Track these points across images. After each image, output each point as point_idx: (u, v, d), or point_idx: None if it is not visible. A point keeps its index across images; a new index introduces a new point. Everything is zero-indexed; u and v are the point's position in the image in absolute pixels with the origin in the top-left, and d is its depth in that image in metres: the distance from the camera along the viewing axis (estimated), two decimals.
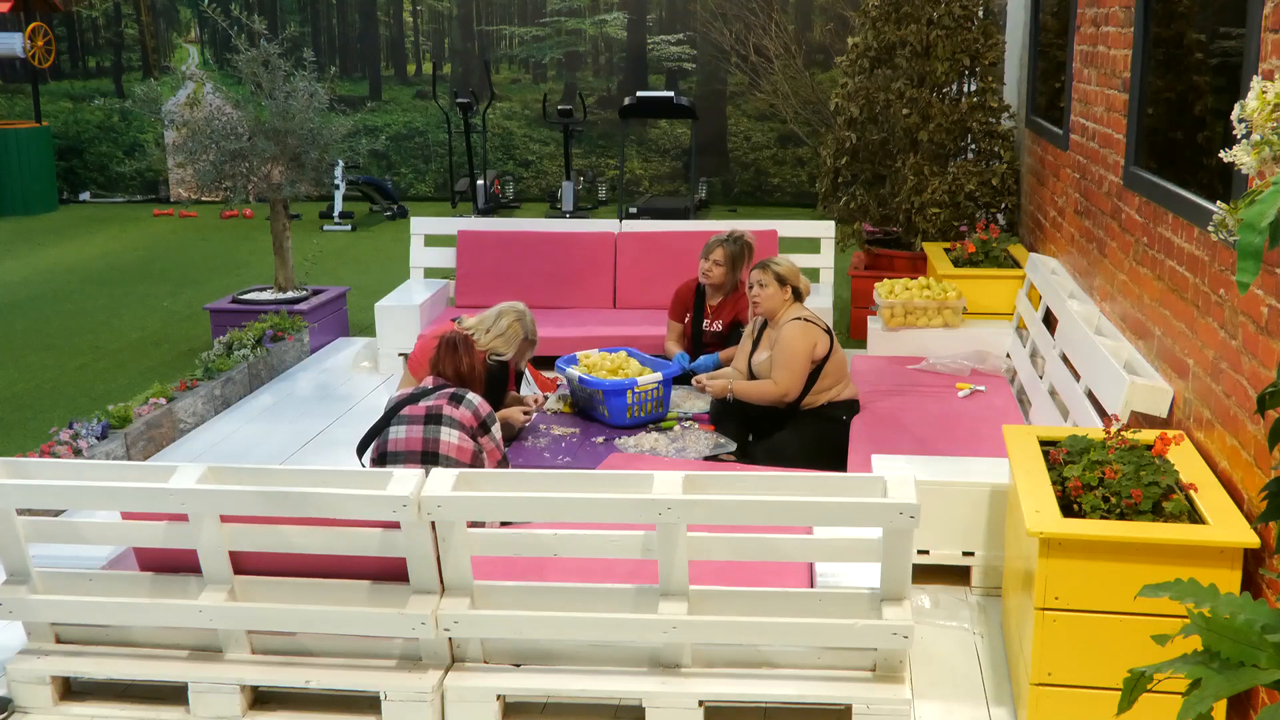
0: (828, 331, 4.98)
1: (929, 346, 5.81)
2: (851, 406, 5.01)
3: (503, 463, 4.27)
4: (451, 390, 4.19)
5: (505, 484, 3.14)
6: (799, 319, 4.92)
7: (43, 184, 12.65)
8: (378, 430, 4.19)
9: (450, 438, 4.07)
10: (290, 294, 7.27)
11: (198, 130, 6.94)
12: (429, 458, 4.04)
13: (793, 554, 3.16)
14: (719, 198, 12.55)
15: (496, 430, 4.22)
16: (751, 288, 5.04)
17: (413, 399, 4.18)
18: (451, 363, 4.32)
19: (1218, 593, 1.85)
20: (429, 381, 4.29)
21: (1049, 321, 5.39)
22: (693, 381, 5.21)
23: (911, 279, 6.14)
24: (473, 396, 4.20)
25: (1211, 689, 1.73)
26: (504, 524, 3.60)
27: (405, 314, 6.55)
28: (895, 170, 7.41)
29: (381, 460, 4.11)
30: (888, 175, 7.52)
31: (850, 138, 7.42)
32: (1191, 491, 3.12)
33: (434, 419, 4.10)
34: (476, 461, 4.13)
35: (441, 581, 3.14)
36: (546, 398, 5.46)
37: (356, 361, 6.79)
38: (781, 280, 4.99)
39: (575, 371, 5.30)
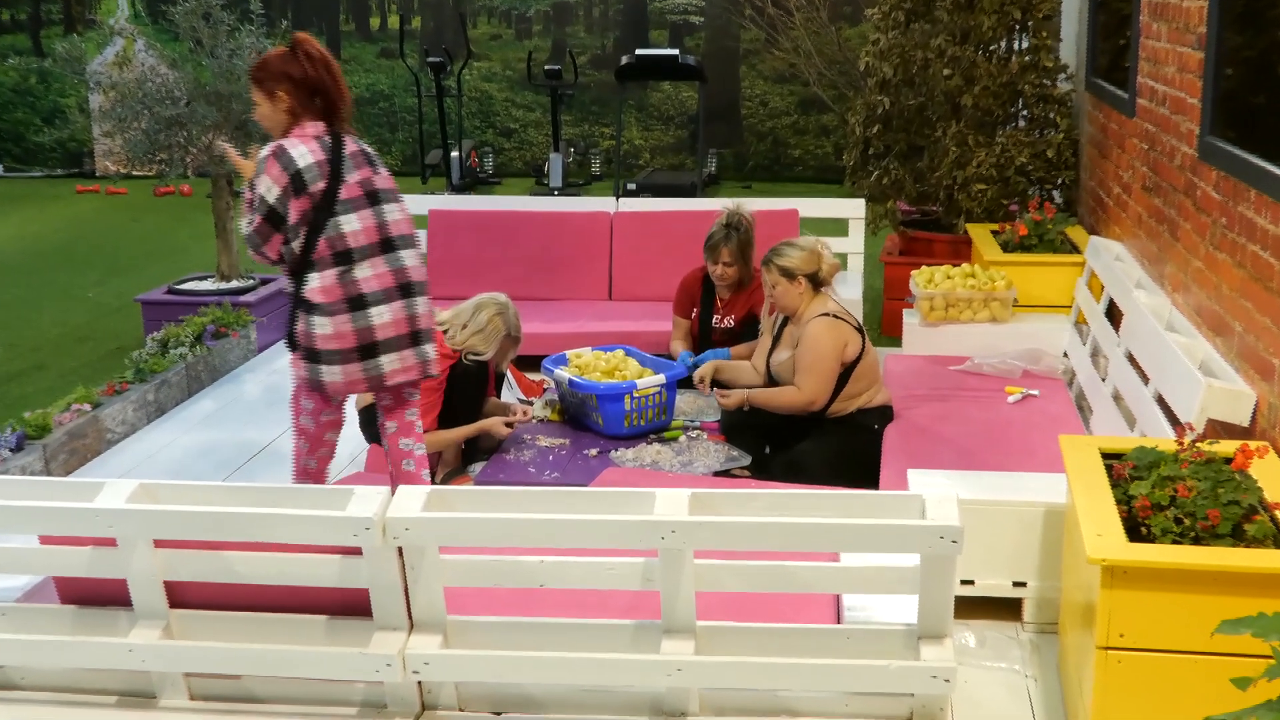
0: (859, 329, 4.97)
1: (974, 344, 5.82)
2: (884, 414, 5.01)
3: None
4: (359, 149, 4.15)
5: (484, 503, 3.15)
6: (825, 315, 4.91)
7: None
8: (318, 227, 4.05)
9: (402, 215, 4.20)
10: (235, 283, 7.27)
11: (128, 94, 6.94)
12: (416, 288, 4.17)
13: (816, 584, 3.16)
14: (731, 172, 12.55)
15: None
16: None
17: (334, 175, 4.05)
18: (313, 70, 4.08)
19: None
20: (314, 141, 4.05)
21: (1113, 315, 5.39)
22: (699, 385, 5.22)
23: (954, 266, 6.15)
24: (362, 144, 4.18)
25: None
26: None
27: None
28: (935, 141, 7.41)
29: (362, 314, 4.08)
30: (926, 146, 7.52)
31: (883, 103, 7.42)
32: (1277, 512, 3.12)
33: (373, 195, 4.12)
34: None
35: (410, 616, 3.14)
36: (532, 403, 5.47)
37: None
38: (789, 274, 4.96)
39: (565, 373, 5.31)
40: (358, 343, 4.08)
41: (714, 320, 5.84)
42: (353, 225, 4.05)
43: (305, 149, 4.02)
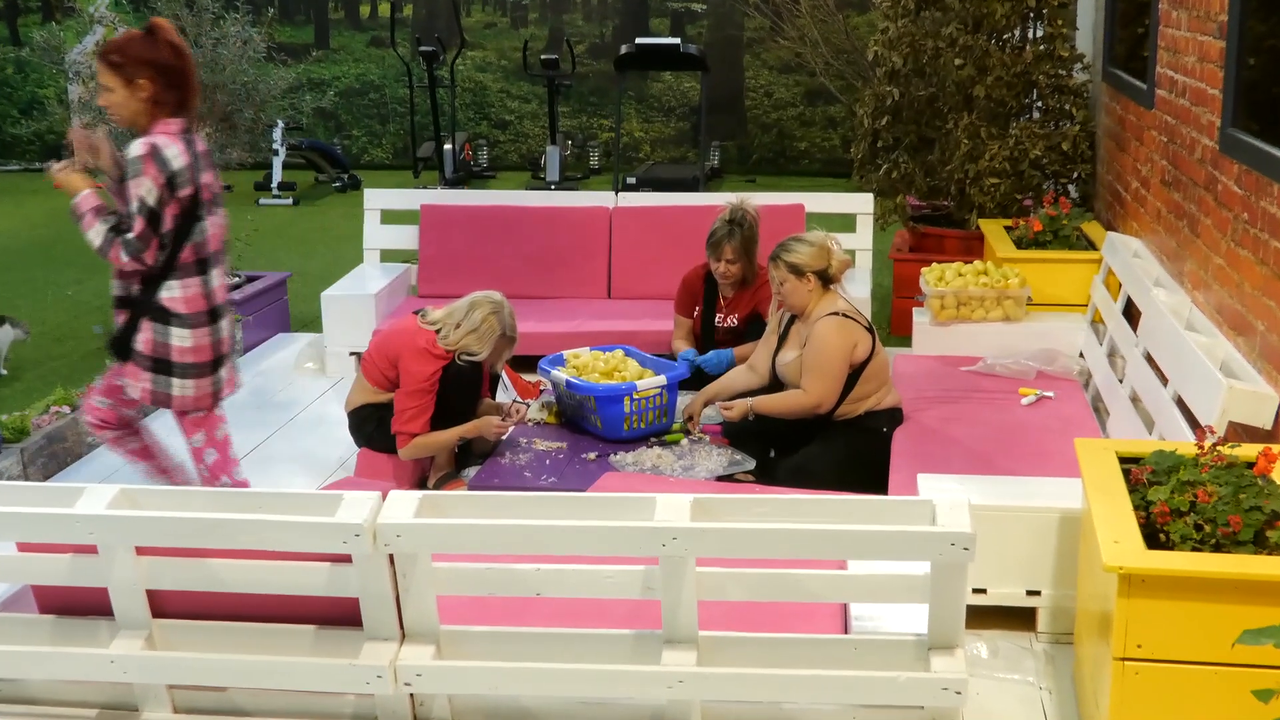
0: (869, 329, 4.98)
1: (986, 344, 5.82)
2: (893, 416, 5.01)
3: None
4: (205, 149, 4.11)
5: (478, 509, 3.15)
6: (835, 314, 4.91)
7: None
8: (185, 233, 3.99)
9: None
10: None
11: None
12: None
13: (822, 593, 3.16)
14: (734, 166, 12.56)
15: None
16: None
17: (196, 178, 4.00)
18: (174, 59, 4.02)
19: None
20: (181, 141, 3.96)
21: (1130, 314, 5.40)
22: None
23: (965, 263, 6.15)
24: (204, 143, 4.13)
25: None
26: None
27: (357, 305, 6.55)
28: (946, 133, 7.42)
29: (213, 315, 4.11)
30: (936, 139, 7.52)
31: (892, 94, 7.42)
32: None
33: (215, 200, 4.11)
34: None
35: (401, 626, 3.15)
36: (528, 405, 5.47)
37: (299, 362, 6.79)
38: (798, 271, 4.96)
39: (562, 374, 5.31)
40: (212, 356, 4.08)
41: (717, 319, 5.84)
42: (207, 231, 4.03)
43: (176, 149, 3.93)
